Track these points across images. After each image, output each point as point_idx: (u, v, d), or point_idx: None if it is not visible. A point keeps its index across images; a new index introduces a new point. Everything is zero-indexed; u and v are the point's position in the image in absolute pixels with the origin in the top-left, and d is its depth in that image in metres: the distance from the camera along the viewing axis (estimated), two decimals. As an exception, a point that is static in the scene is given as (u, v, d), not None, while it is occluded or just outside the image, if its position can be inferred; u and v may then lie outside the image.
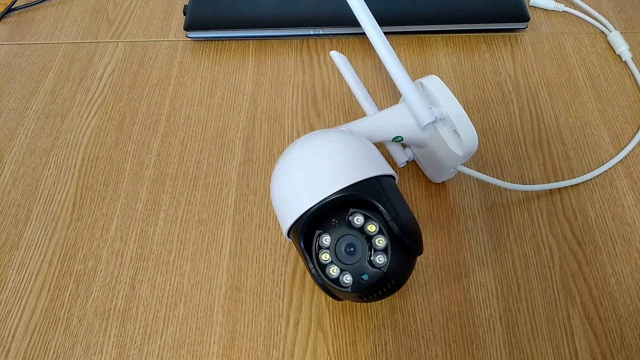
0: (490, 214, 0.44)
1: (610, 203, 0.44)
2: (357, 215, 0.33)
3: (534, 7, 0.58)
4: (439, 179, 0.45)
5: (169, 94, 0.52)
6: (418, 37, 0.56)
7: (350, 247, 0.33)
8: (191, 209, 0.45)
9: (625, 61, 0.53)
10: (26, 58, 0.56)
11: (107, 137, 0.50)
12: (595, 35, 0.56)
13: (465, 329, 0.38)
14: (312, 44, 0.56)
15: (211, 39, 0.56)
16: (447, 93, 0.38)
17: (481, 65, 0.54)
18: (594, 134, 0.48)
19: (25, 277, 0.41)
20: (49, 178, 0.47)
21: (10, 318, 0.40)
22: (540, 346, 0.38)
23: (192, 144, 0.49)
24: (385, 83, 0.52)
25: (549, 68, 0.53)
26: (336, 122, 0.50)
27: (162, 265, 0.42)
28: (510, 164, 0.47)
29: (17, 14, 0.60)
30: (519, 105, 0.50)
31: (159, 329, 0.39)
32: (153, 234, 0.43)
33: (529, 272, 0.41)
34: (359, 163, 0.34)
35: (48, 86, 0.54)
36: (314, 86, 0.52)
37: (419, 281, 0.40)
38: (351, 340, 0.38)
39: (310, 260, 0.34)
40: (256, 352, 0.38)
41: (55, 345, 0.38)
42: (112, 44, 0.57)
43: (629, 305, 0.39)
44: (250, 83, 0.53)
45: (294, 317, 0.39)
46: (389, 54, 0.39)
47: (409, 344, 0.38)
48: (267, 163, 0.47)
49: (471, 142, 0.37)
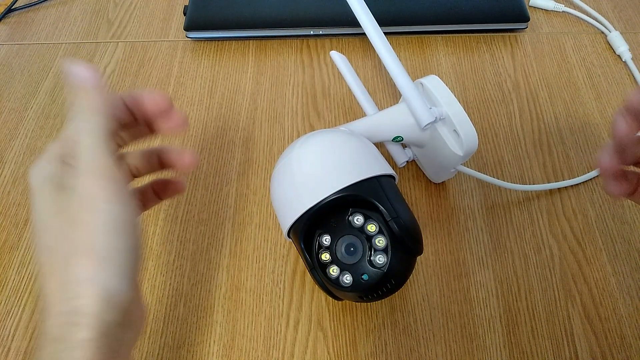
0: (490, 214, 0.44)
1: (610, 203, 0.44)
2: (357, 215, 0.33)
3: (534, 7, 0.58)
4: (439, 179, 0.45)
5: (169, 94, 0.52)
6: (418, 37, 0.56)
7: (350, 247, 0.33)
8: (191, 209, 0.45)
9: (625, 61, 0.53)
10: (26, 58, 0.56)
11: (107, 137, 0.49)
12: (595, 35, 0.56)
13: (465, 329, 0.38)
14: (312, 44, 0.56)
15: (211, 39, 0.56)
16: (447, 93, 0.38)
17: (481, 65, 0.54)
18: (594, 134, 0.48)
19: (25, 277, 0.41)
20: (49, 178, 0.47)
21: (10, 318, 0.40)
22: (540, 346, 0.38)
23: (192, 144, 0.49)
24: (385, 83, 0.52)
25: (549, 68, 0.53)
26: (336, 122, 0.50)
27: (162, 265, 0.42)
28: (510, 164, 0.46)
29: (18, 14, 0.60)
30: (519, 105, 0.50)
31: (159, 329, 0.39)
32: (153, 234, 0.43)
33: (529, 272, 0.41)
34: (359, 163, 0.34)
35: (48, 86, 0.54)
36: (314, 86, 0.52)
37: (419, 281, 0.40)
38: (351, 340, 0.38)
39: (311, 260, 0.34)
40: (256, 352, 0.38)
41: (55, 345, 0.38)
42: (112, 44, 0.57)
43: (629, 305, 0.39)
44: (250, 83, 0.53)
45: (294, 317, 0.39)
46: (389, 54, 0.39)
47: (409, 344, 0.38)
48: (267, 163, 0.47)
49: (471, 142, 0.37)
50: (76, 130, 0.25)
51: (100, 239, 0.23)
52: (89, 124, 0.25)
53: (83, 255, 0.23)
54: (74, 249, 0.23)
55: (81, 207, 0.24)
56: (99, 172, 0.24)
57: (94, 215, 0.24)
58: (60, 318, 0.22)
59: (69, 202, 0.24)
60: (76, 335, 0.22)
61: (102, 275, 0.23)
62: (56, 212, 0.24)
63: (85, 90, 0.25)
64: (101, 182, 0.24)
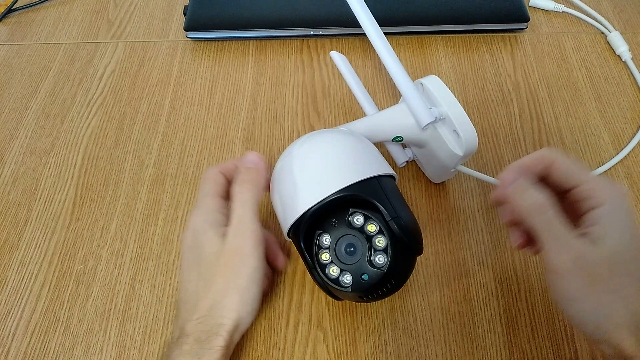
0: (490, 214, 0.44)
1: (610, 203, 0.44)
2: (357, 215, 0.33)
3: (534, 7, 0.58)
4: (439, 179, 0.45)
5: (169, 94, 0.52)
6: (418, 37, 0.56)
7: (350, 247, 0.33)
8: (191, 209, 0.45)
9: (625, 61, 0.53)
10: (26, 58, 0.56)
11: (107, 137, 0.50)
12: (595, 35, 0.56)
13: (465, 329, 0.38)
14: (312, 44, 0.56)
15: (211, 39, 0.56)
16: (447, 93, 0.38)
17: (481, 65, 0.54)
18: (594, 134, 0.48)
19: (25, 277, 0.41)
20: (49, 178, 0.47)
21: (10, 318, 0.40)
22: (540, 346, 0.38)
23: (192, 144, 0.49)
24: (385, 83, 0.52)
25: (548, 68, 0.53)
26: (336, 122, 0.50)
27: (162, 265, 0.42)
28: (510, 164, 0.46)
29: (18, 15, 0.60)
30: (519, 106, 0.50)
31: (159, 329, 0.39)
32: (153, 234, 0.43)
33: (529, 272, 0.41)
34: (359, 163, 0.34)
35: (48, 86, 0.54)
36: (314, 86, 0.52)
37: (419, 281, 0.40)
38: (351, 340, 0.38)
39: (311, 260, 0.34)
40: (256, 352, 0.38)
41: (55, 345, 0.38)
42: (112, 44, 0.57)
43: (629, 305, 0.39)
44: (250, 83, 0.53)
45: (294, 317, 0.39)
46: (389, 54, 0.39)
47: (409, 344, 0.38)
48: (267, 163, 0.47)
49: (471, 142, 0.37)
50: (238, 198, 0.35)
51: (243, 284, 0.33)
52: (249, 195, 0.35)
53: (234, 292, 0.33)
54: (226, 284, 0.33)
55: (235, 255, 0.33)
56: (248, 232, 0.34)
57: (243, 265, 0.33)
58: (206, 327, 0.32)
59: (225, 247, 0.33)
60: (216, 341, 0.32)
61: (241, 309, 0.33)
62: (216, 252, 0.33)
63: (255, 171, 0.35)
64: (249, 241, 0.33)
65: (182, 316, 0.34)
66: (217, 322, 0.32)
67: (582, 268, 0.28)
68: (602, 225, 0.29)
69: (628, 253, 0.29)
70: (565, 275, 0.29)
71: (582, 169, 0.31)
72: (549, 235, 0.29)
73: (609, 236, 0.29)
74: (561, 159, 0.32)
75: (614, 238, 0.29)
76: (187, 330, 0.32)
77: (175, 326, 0.35)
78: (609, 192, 0.30)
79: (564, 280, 0.29)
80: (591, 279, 0.28)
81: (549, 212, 0.29)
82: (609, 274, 0.28)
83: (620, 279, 0.28)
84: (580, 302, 0.29)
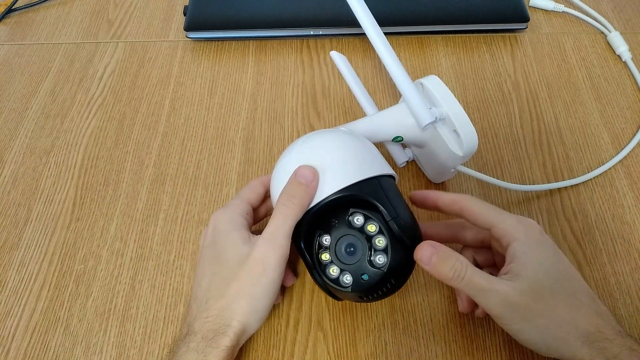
0: (490, 214, 0.44)
1: (610, 203, 0.44)
2: (357, 215, 0.33)
3: (534, 7, 0.58)
4: (439, 179, 0.45)
5: (169, 94, 0.52)
6: (418, 37, 0.56)
7: (350, 247, 0.33)
8: (191, 209, 0.45)
9: (625, 61, 0.53)
10: (26, 58, 0.56)
11: (107, 137, 0.50)
12: (595, 35, 0.56)
13: (465, 329, 0.38)
14: (312, 44, 0.56)
15: (211, 39, 0.56)
16: (447, 93, 0.38)
17: (481, 65, 0.54)
18: (594, 134, 0.48)
19: (25, 277, 0.41)
20: (49, 178, 0.47)
21: (10, 318, 0.40)
22: (540, 346, 0.37)
23: (192, 144, 0.49)
24: (385, 83, 0.52)
25: (548, 68, 0.53)
26: (336, 122, 0.50)
27: (162, 265, 0.42)
28: (510, 164, 0.47)
29: (18, 15, 0.60)
30: (519, 106, 0.50)
31: (159, 329, 0.39)
32: (153, 234, 0.43)
33: (529, 272, 0.41)
34: (359, 163, 0.34)
35: (48, 86, 0.54)
36: (314, 86, 0.52)
37: (419, 281, 0.40)
38: (351, 340, 0.38)
39: (311, 260, 0.34)
40: (256, 352, 0.38)
41: (55, 345, 0.38)
42: (112, 44, 0.57)
43: (629, 305, 0.39)
44: (250, 83, 0.53)
45: (294, 317, 0.39)
46: (389, 54, 0.39)
47: (409, 344, 0.38)
48: (267, 163, 0.47)
49: (471, 142, 0.37)
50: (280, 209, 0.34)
51: (259, 293, 0.34)
52: (291, 211, 0.33)
53: (248, 298, 0.33)
54: (242, 289, 0.33)
55: (259, 263, 0.33)
56: (278, 246, 0.33)
57: (264, 276, 0.33)
58: (214, 326, 0.33)
59: (251, 253, 0.33)
60: (222, 341, 0.32)
61: (250, 316, 0.34)
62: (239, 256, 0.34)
63: (305, 188, 0.33)
64: (277, 255, 0.33)
65: (193, 313, 0.34)
66: (226, 323, 0.33)
67: (510, 305, 0.31)
68: (518, 260, 0.32)
69: (550, 276, 0.32)
70: (501, 316, 0.31)
71: (491, 211, 0.34)
72: (476, 292, 0.31)
73: (525, 268, 0.31)
74: (469, 206, 0.34)
75: (531, 268, 0.31)
76: (196, 327, 0.33)
77: (184, 322, 0.35)
78: (519, 228, 0.33)
79: (503, 319, 0.31)
80: (523, 312, 0.31)
81: (467, 273, 0.31)
82: (535, 302, 0.30)
83: (550, 302, 0.31)
84: (524, 332, 0.31)
